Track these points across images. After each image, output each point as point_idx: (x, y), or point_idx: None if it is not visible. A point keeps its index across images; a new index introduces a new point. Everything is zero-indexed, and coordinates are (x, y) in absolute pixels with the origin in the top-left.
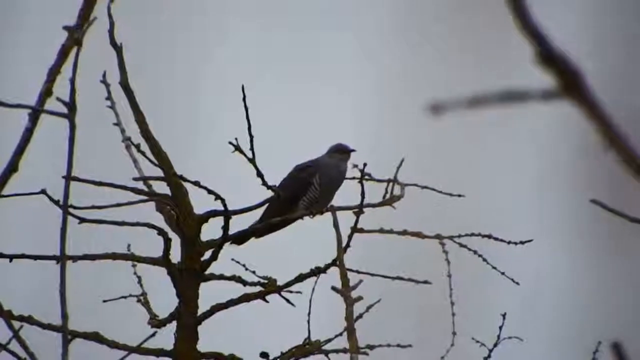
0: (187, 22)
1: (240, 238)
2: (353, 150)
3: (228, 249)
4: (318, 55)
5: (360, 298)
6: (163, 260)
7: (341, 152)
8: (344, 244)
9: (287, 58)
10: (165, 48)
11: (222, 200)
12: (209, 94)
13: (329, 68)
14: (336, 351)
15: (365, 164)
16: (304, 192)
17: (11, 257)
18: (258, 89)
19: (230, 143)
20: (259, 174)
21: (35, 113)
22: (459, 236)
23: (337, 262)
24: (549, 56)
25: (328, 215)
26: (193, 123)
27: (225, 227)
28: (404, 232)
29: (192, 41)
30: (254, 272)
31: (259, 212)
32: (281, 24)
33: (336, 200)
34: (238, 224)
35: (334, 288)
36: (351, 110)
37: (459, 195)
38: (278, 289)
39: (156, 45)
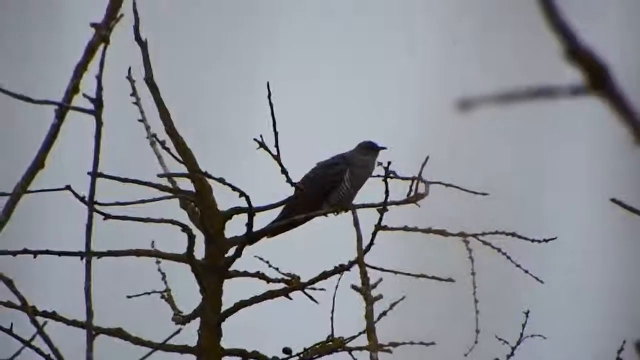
0: (213, 18)
1: (257, 236)
2: (383, 148)
3: (252, 246)
4: (346, 52)
5: (380, 297)
6: (187, 257)
7: (371, 149)
8: (367, 242)
9: (317, 55)
10: (191, 45)
11: (247, 198)
12: (234, 91)
13: (356, 65)
14: (360, 349)
15: (389, 162)
16: (333, 189)
17: (36, 254)
18: (285, 86)
19: (255, 140)
20: (284, 171)
21: (62, 110)
22: (483, 234)
23: (358, 261)
24: (577, 52)
25: (351, 213)
26: (218, 120)
27: (250, 225)
28: (429, 230)
29: (218, 38)
30: (277, 270)
31: (281, 208)
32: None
33: (360, 198)
34: (262, 221)
35: (354, 287)
36: (376, 108)
37: (484, 194)
38: (302, 287)
39: (182, 42)
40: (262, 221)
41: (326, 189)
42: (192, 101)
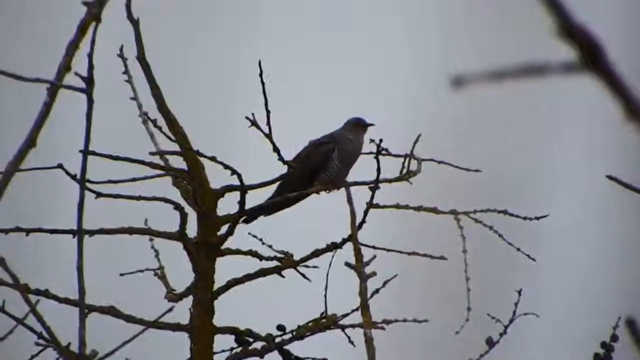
0: None
1: (252, 215)
2: (371, 124)
3: (246, 224)
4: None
5: (374, 274)
6: (179, 235)
7: (358, 125)
8: (359, 220)
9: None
10: (183, 23)
11: (239, 175)
12: (225, 68)
13: (343, 41)
14: (352, 326)
15: (381, 139)
16: (322, 167)
17: (28, 231)
18: (276, 63)
19: (247, 118)
20: (275, 149)
21: (54, 88)
22: (475, 212)
23: (351, 238)
24: (569, 29)
25: (343, 190)
26: (210, 98)
27: (242, 202)
28: (420, 208)
29: (210, 16)
30: (270, 247)
31: (274, 187)
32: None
33: (352, 176)
34: (254, 199)
35: (347, 264)
36: (370, 85)
37: (476, 170)
38: (294, 264)
39: (174, 20)
40: (254, 199)
41: (315, 167)
42: (184, 79)
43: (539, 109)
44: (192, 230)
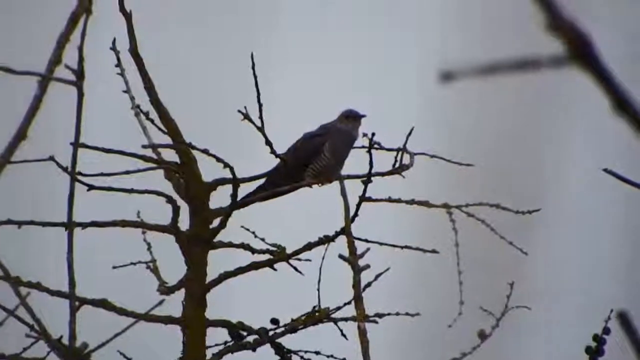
0: None
1: (243, 206)
2: (363, 116)
3: (237, 216)
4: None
5: (367, 266)
6: (172, 228)
7: (351, 118)
8: (351, 213)
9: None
10: (175, 15)
11: (231, 168)
12: (219, 60)
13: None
14: (345, 319)
15: (373, 133)
16: (313, 159)
17: (19, 224)
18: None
19: (239, 111)
20: (268, 142)
21: (44, 80)
22: (467, 205)
23: (345, 230)
24: (558, 23)
25: (336, 183)
26: (202, 90)
27: (234, 195)
28: (412, 202)
29: (202, 8)
30: (263, 240)
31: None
32: None
33: (344, 169)
34: (247, 192)
35: (341, 256)
36: (362, 77)
37: (469, 165)
38: (286, 257)
39: (166, 12)
40: (246, 192)
41: (305, 159)
42: (177, 72)
43: (532, 103)
44: (184, 223)
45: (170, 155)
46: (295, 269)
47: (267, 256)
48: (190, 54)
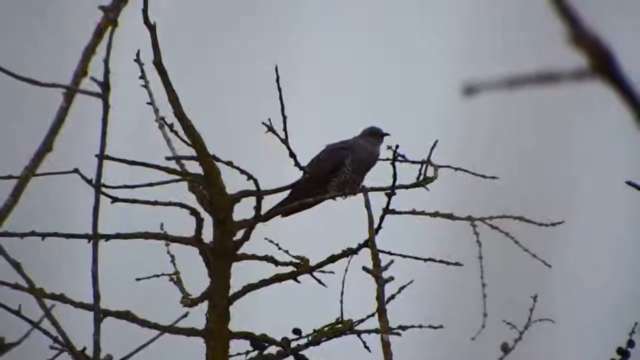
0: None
1: (267, 219)
2: (386, 134)
3: (260, 228)
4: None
5: (391, 278)
6: (195, 240)
7: (374, 134)
8: (375, 225)
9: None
10: (199, 28)
11: (255, 181)
12: (243, 73)
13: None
14: (368, 331)
15: (397, 145)
16: (335, 173)
17: (44, 236)
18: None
19: (264, 124)
20: (292, 155)
21: (70, 92)
22: (490, 218)
23: (369, 243)
24: (581, 37)
25: (360, 196)
26: (226, 102)
27: (258, 207)
28: (436, 214)
29: (226, 20)
30: (286, 252)
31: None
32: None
33: (369, 181)
34: (270, 204)
35: (365, 268)
36: (386, 90)
37: (493, 177)
38: (310, 270)
39: (190, 25)
40: (270, 204)
41: (328, 172)
42: (200, 84)
43: (555, 116)
44: (208, 235)
45: (194, 167)
46: (319, 281)
47: (290, 268)
48: (214, 66)
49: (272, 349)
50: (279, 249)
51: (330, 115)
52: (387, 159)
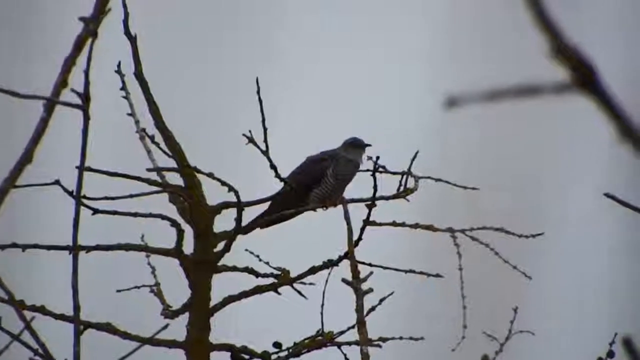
0: (202, 13)
1: (247, 231)
2: (368, 145)
3: (241, 240)
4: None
5: (370, 290)
6: (176, 252)
7: (356, 146)
8: (355, 237)
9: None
10: (180, 39)
11: (236, 192)
12: (223, 85)
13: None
14: (349, 343)
15: (378, 157)
16: (316, 184)
17: (24, 247)
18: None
19: (244, 135)
20: (272, 166)
21: (50, 104)
22: (471, 229)
23: (348, 254)
24: (563, 50)
25: (340, 207)
26: (207, 114)
27: (239, 219)
28: (416, 225)
29: (206, 33)
30: (267, 263)
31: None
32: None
33: (349, 193)
34: (251, 215)
35: (344, 280)
36: (366, 101)
37: (473, 189)
38: (290, 281)
39: (171, 36)
40: (251, 215)
41: (309, 183)
42: (181, 95)
43: (535, 128)
44: (188, 246)
45: (175, 179)
46: (299, 292)
47: (271, 280)
48: (194, 78)
49: None
50: (260, 260)
51: (311, 127)
52: (368, 170)
